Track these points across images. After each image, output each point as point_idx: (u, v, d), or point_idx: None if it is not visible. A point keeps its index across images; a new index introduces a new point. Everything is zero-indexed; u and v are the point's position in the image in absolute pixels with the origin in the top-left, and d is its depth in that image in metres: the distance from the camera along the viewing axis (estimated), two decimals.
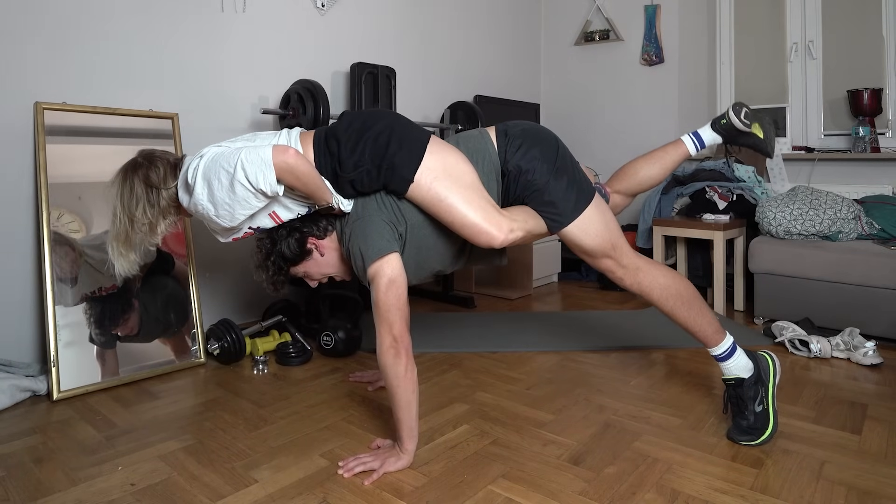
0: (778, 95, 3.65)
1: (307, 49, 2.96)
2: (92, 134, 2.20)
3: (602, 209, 1.65)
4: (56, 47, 2.15)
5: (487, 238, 1.51)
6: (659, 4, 3.93)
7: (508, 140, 1.63)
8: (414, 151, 1.54)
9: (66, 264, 2.06)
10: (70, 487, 1.41)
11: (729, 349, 1.63)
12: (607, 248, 1.62)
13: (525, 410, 1.83)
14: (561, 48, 4.44)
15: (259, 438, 1.66)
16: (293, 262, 1.67)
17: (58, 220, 2.07)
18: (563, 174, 1.60)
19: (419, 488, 1.39)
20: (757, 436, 1.57)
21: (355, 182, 1.57)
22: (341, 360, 2.33)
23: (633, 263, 1.65)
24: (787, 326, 2.43)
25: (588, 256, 1.66)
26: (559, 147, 1.65)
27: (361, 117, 1.60)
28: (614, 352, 2.40)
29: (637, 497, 1.35)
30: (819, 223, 2.71)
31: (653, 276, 1.65)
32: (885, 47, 3.29)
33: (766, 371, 1.63)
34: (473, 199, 1.53)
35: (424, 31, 3.61)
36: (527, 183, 1.60)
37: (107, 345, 2.08)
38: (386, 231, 1.54)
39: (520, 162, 1.60)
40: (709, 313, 1.66)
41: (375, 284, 1.49)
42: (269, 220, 1.62)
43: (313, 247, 1.66)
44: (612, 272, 1.66)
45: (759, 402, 1.60)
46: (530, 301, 3.34)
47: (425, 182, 1.53)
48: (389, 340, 1.45)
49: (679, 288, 1.65)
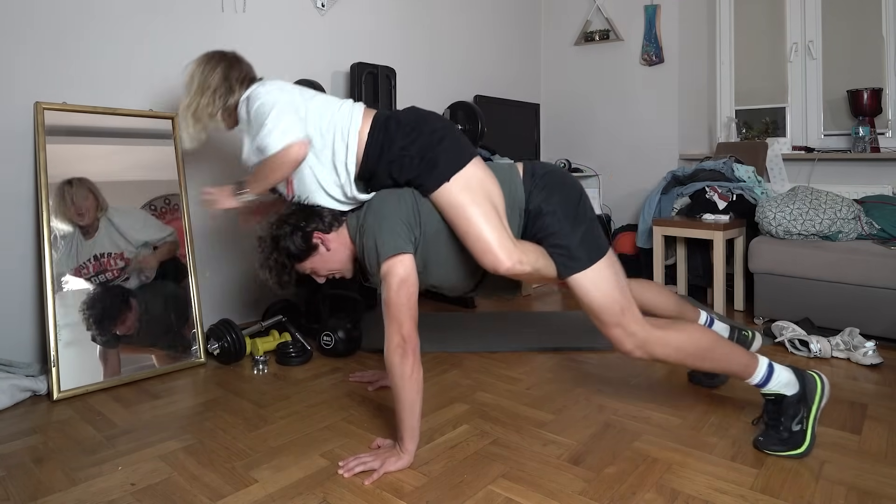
0: (778, 95, 3.65)
1: (307, 49, 2.96)
2: (92, 134, 2.20)
3: (616, 269, 1.62)
4: (56, 47, 2.15)
5: (493, 260, 1.52)
6: (659, 4, 3.93)
7: (535, 180, 1.64)
8: (460, 157, 1.60)
9: (84, 208, 2.10)
10: (70, 487, 1.42)
11: (765, 375, 1.56)
12: (616, 309, 1.55)
13: (525, 410, 1.84)
14: (561, 48, 4.44)
15: (259, 438, 1.66)
16: (299, 258, 1.65)
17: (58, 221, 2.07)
18: (582, 223, 1.60)
19: (419, 488, 1.39)
20: (787, 449, 1.52)
21: (394, 164, 1.61)
22: (341, 360, 2.33)
23: (642, 332, 1.56)
24: (787, 326, 2.43)
25: (597, 319, 1.59)
26: (582, 197, 1.66)
27: (424, 114, 1.69)
28: (614, 352, 2.40)
29: (637, 497, 1.35)
30: (819, 223, 2.71)
31: (664, 342, 1.57)
32: (885, 47, 3.29)
33: (813, 391, 1.56)
34: (494, 220, 1.54)
35: (424, 31, 3.61)
36: (544, 225, 1.61)
37: (109, 344, 2.08)
38: (403, 231, 1.54)
39: (541, 203, 1.61)
40: (732, 352, 1.58)
41: (387, 283, 1.49)
42: (286, 185, 1.76)
43: (319, 241, 1.65)
44: (622, 344, 1.58)
45: (799, 421, 1.53)
46: (530, 301, 3.34)
47: (457, 187, 1.56)
48: (398, 340, 1.45)
49: (693, 341, 1.57)
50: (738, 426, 1.70)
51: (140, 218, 2.24)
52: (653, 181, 3.89)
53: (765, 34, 3.70)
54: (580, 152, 4.30)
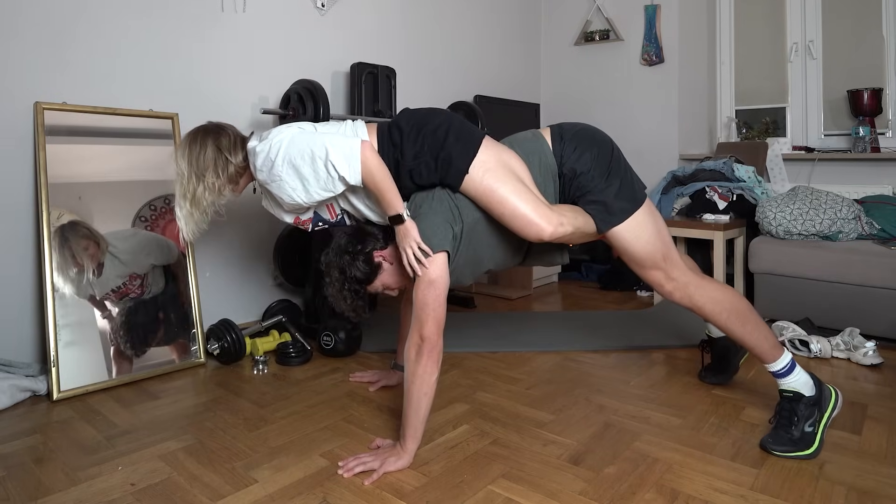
0: (778, 95, 3.65)
1: (307, 49, 2.96)
2: (92, 134, 2.20)
3: (655, 217, 1.64)
4: (56, 47, 2.15)
5: (537, 230, 1.52)
6: (659, 4, 3.93)
7: (564, 143, 1.65)
8: (469, 145, 1.59)
9: (87, 258, 2.09)
10: (70, 487, 1.42)
11: (788, 365, 1.60)
12: (657, 257, 1.61)
13: (525, 410, 1.84)
14: (561, 48, 4.44)
15: (259, 438, 1.66)
16: (368, 281, 1.66)
17: (57, 220, 2.07)
18: (616, 177, 1.61)
19: (419, 488, 1.39)
20: (797, 450, 1.52)
21: (413, 172, 1.61)
22: (341, 360, 2.33)
23: (683, 277, 1.62)
24: (787, 326, 2.43)
25: (637, 266, 1.64)
26: (613, 150, 1.67)
27: (420, 113, 1.68)
28: (614, 352, 2.40)
29: (637, 497, 1.35)
30: (819, 223, 2.72)
31: (704, 290, 1.62)
32: (885, 47, 3.29)
33: (828, 400, 1.60)
34: (523, 192, 1.55)
35: (424, 31, 3.61)
36: (580, 185, 1.62)
37: (138, 353, 2.14)
38: (440, 229, 1.54)
39: (574, 165, 1.62)
40: (765, 328, 1.62)
41: (417, 281, 1.51)
42: (327, 211, 1.73)
43: (381, 259, 1.67)
44: (662, 286, 1.64)
45: (812, 424, 1.55)
46: (530, 301, 3.34)
47: (478, 174, 1.57)
48: (416, 338, 1.48)
49: (733, 302, 1.62)
50: (738, 426, 1.70)
51: (140, 241, 2.22)
52: (653, 181, 3.89)
53: (765, 34, 3.70)
54: None
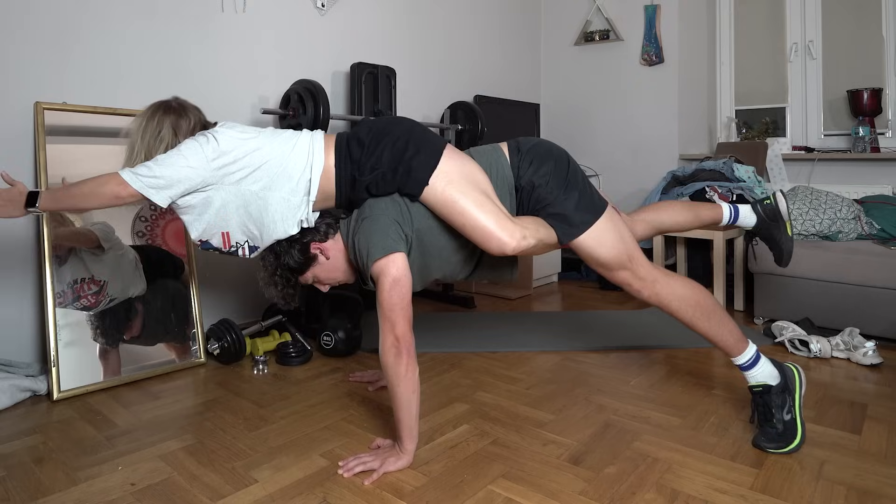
0: (778, 95, 3.66)
1: (307, 49, 2.96)
2: (92, 134, 2.20)
3: (615, 222, 1.66)
4: (56, 47, 2.15)
5: (499, 243, 1.52)
6: (659, 4, 3.93)
7: (521, 156, 1.66)
8: (431, 156, 1.57)
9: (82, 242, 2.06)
10: (70, 487, 1.42)
11: (752, 358, 1.62)
12: (623, 259, 1.63)
13: (525, 410, 1.84)
14: (561, 48, 4.44)
15: (259, 438, 1.66)
16: (300, 270, 1.67)
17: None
18: (574, 188, 1.63)
19: (419, 488, 1.39)
20: (786, 444, 1.54)
21: (371, 186, 1.59)
22: (341, 360, 2.33)
23: (650, 276, 1.64)
24: (787, 326, 2.43)
25: (604, 269, 1.66)
26: (570, 163, 1.68)
27: (381, 123, 1.65)
28: (614, 352, 2.40)
29: (637, 497, 1.35)
30: (819, 223, 2.72)
31: (671, 288, 1.64)
32: (885, 47, 3.29)
33: (792, 381, 1.61)
34: (486, 203, 1.54)
35: (424, 31, 3.61)
36: (539, 197, 1.63)
37: (110, 343, 2.09)
38: (392, 230, 1.54)
39: (532, 178, 1.63)
40: (730, 323, 1.64)
41: (379, 283, 1.49)
42: (221, 239, 1.63)
43: (318, 251, 1.66)
44: (630, 285, 1.66)
45: (787, 410, 1.57)
46: (530, 301, 3.34)
47: (440, 185, 1.55)
48: (391, 340, 1.46)
49: (698, 298, 1.64)
50: (738, 426, 1.70)
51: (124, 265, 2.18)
52: (653, 181, 3.89)
53: (765, 34, 3.70)
54: (580, 152, 4.30)
